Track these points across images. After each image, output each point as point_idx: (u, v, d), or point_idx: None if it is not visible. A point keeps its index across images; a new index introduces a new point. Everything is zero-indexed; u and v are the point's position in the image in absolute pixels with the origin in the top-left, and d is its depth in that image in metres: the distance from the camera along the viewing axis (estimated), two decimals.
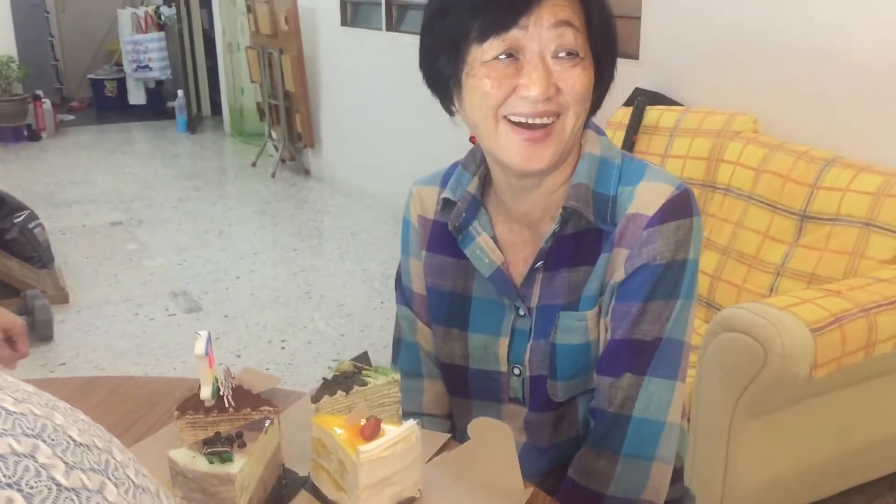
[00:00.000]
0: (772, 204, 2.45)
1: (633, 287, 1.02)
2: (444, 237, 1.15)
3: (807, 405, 2.03)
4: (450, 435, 1.10)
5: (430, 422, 1.22)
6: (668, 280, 1.01)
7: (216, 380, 1.04)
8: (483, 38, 0.96)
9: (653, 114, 2.91)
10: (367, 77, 5.37)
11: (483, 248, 1.10)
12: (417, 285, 1.21)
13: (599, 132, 1.09)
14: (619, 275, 1.02)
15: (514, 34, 0.95)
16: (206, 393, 1.03)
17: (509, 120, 0.98)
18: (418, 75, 1.08)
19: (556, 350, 1.07)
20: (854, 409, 2.12)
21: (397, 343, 1.27)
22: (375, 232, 4.99)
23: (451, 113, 1.07)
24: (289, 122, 6.38)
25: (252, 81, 6.94)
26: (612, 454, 1.04)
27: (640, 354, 1.02)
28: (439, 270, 1.16)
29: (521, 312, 1.09)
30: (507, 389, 1.13)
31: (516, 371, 1.11)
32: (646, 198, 1.01)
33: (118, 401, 1.18)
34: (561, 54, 0.96)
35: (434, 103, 1.09)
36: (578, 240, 1.05)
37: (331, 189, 6.03)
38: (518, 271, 1.09)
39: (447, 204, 1.12)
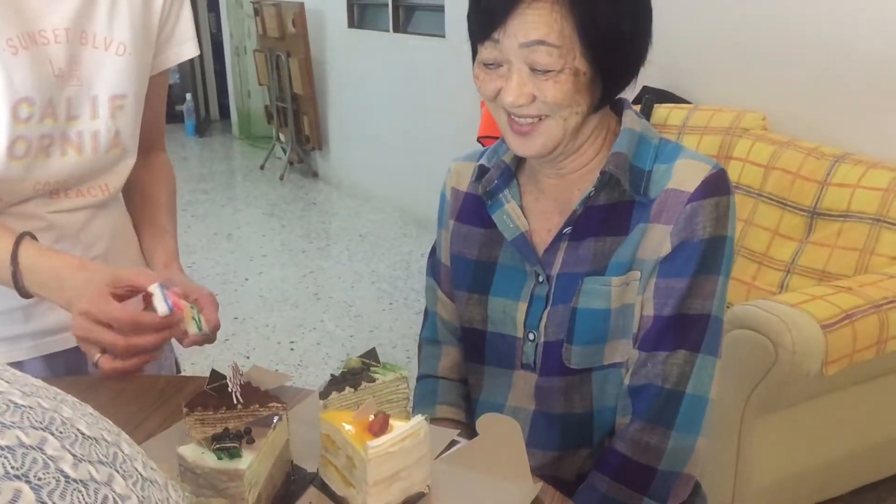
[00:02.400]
0: (781, 201, 2.44)
1: (678, 262, 1.04)
2: (475, 208, 1.21)
3: (818, 403, 2.02)
4: (458, 431, 1.10)
5: (445, 384, 1.29)
6: (710, 255, 1.04)
7: (196, 314, 1.03)
8: (476, 40, 1.04)
9: (661, 112, 2.90)
10: (375, 79, 5.38)
11: (510, 214, 1.15)
12: (444, 255, 1.27)
13: (639, 115, 1.13)
14: (665, 248, 1.04)
15: (489, 46, 1.01)
16: (192, 328, 1.02)
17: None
18: (426, 77, 1.11)
19: (577, 314, 1.08)
20: (865, 406, 2.11)
21: (425, 312, 1.35)
22: (383, 234, 4.99)
23: None
24: (297, 124, 6.40)
25: (260, 84, 6.96)
26: (664, 429, 1.06)
27: (690, 330, 1.05)
28: (466, 239, 1.21)
29: (541, 279, 1.12)
30: (521, 355, 1.16)
31: (531, 336, 1.14)
32: (684, 175, 1.04)
33: (126, 400, 1.17)
34: (535, 68, 1.00)
35: (441, 105, 1.11)
36: (609, 211, 1.08)
37: (339, 191, 6.04)
38: (542, 239, 1.13)
39: (482, 171, 1.17)
